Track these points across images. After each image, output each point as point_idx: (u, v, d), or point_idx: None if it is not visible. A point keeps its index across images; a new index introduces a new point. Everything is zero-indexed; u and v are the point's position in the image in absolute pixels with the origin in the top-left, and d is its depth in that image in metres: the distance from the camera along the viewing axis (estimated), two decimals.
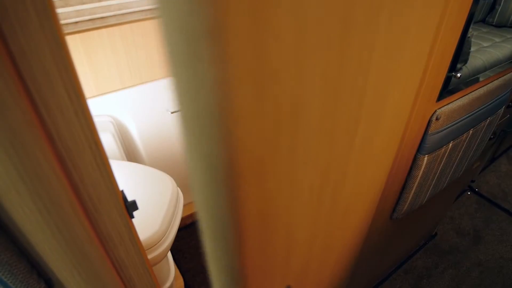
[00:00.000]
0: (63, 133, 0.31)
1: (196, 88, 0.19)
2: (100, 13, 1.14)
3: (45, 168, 0.31)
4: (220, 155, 0.21)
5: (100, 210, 0.41)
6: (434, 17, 0.38)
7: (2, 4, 0.24)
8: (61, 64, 0.27)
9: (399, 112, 0.44)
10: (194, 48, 0.18)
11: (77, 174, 0.34)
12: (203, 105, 0.20)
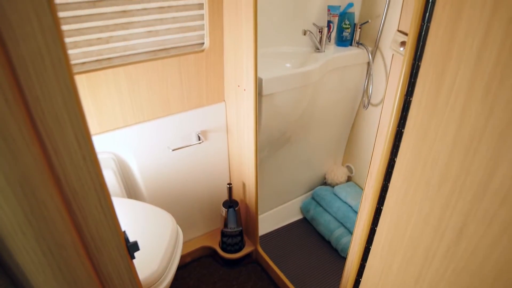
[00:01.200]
0: (71, 177, 0.32)
1: None
2: (106, 54, 1.18)
3: (51, 210, 0.32)
4: None
5: (102, 251, 0.41)
6: None
7: (22, 57, 0.26)
8: (72, 112, 0.29)
9: None
10: None
11: (82, 216, 0.35)
12: None
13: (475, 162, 0.54)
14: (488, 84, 0.48)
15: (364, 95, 1.93)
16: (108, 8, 1.10)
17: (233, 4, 1.20)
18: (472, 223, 0.56)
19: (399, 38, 0.78)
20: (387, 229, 0.83)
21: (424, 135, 0.66)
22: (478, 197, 0.54)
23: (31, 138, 0.29)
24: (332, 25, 1.73)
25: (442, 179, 0.62)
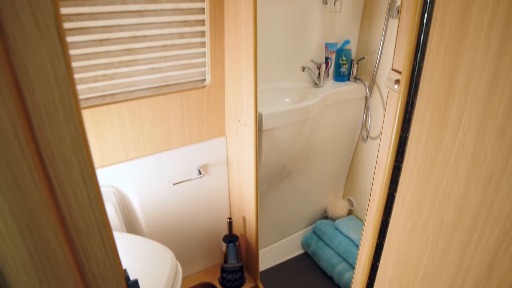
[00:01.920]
0: (75, 216, 0.33)
1: None
2: (110, 90, 1.21)
3: (55, 248, 0.32)
4: None
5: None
6: None
7: (36, 104, 0.27)
8: (79, 153, 0.30)
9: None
10: None
11: (84, 254, 0.35)
12: None
13: (497, 199, 0.53)
14: (503, 124, 0.49)
15: (362, 129, 1.96)
16: (114, 47, 1.15)
17: (234, 42, 1.25)
18: (503, 260, 0.54)
19: (394, 77, 0.81)
20: (393, 265, 0.82)
21: (429, 171, 0.67)
22: (508, 233, 0.53)
23: (39, 178, 0.30)
24: (330, 61, 1.79)
25: (458, 214, 0.61)
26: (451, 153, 0.60)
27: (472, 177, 0.57)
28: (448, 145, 0.60)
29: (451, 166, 0.61)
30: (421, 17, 0.66)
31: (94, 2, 1.07)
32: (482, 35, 0.51)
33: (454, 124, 0.58)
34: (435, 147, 0.65)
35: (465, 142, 0.56)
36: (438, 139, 0.63)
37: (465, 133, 0.56)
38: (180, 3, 1.20)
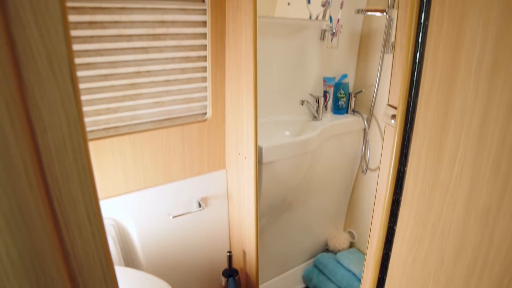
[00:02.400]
0: (79, 252, 0.33)
1: None
2: (113, 123, 1.23)
3: (57, 285, 0.33)
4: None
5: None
6: None
7: (47, 144, 0.29)
8: (86, 192, 0.31)
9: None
10: None
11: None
12: None
13: (496, 234, 0.53)
14: (497, 161, 0.50)
15: (362, 161, 1.97)
16: (118, 81, 1.18)
17: (235, 77, 1.29)
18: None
19: (390, 112, 0.83)
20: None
21: (428, 204, 0.68)
22: (509, 269, 0.53)
23: (46, 215, 0.31)
24: (328, 95, 1.83)
25: (458, 250, 0.61)
26: (449, 188, 0.61)
27: (470, 211, 0.57)
28: (445, 180, 0.61)
29: (449, 200, 0.62)
30: (414, 55, 0.69)
31: (101, 39, 1.12)
32: (472, 74, 0.54)
33: (450, 159, 0.60)
34: (432, 181, 0.66)
35: (461, 176, 0.57)
36: (435, 173, 0.64)
37: (461, 168, 0.57)
38: (183, 40, 1.25)
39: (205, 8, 1.25)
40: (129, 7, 1.13)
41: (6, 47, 0.26)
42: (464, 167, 0.56)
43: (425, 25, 0.66)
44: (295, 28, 1.68)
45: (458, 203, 0.59)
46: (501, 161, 0.49)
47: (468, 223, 0.57)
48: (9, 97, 0.27)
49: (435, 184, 0.65)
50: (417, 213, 0.72)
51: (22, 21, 0.26)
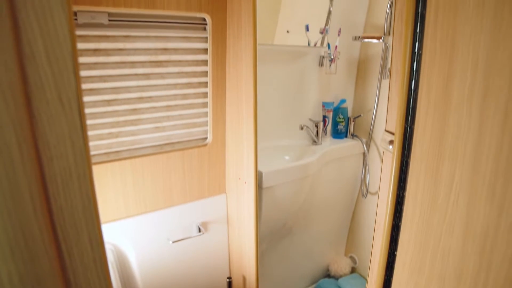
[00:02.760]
0: (80, 279, 0.33)
1: None
2: (115, 148, 1.25)
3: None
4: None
5: None
6: None
7: (53, 173, 0.30)
8: (89, 219, 0.32)
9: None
10: None
11: None
12: None
13: (494, 260, 0.53)
14: (492, 185, 0.51)
15: (362, 184, 1.97)
16: (121, 106, 1.20)
17: (235, 102, 1.32)
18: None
19: (387, 137, 0.85)
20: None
21: (427, 229, 0.68)
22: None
23: (50, 243, 0.32)
24: (327, 120, 1.85)
25: (458, 275, 0.61)
26: (446, 213, 0.61)
27: (468, 236, 0.58)
28: (443, 205, 0.62)
29: (447, 225, 0.62)
30: (409, 83, 0.71)
31: (105, 66, 1.15)
32: (465, 101, 0.55)
33: (446, 185, 0.60)
34: (430, 207, 0.66)
35: (458, 202, 0.58)
36: (433, 198, 0.65)
37: (457, 193, 0.58)
38: (185, 67, 1.28)
39: (206, 36, 1.29)
40: (133, 35, 1.16)
41: (19, 81, 0.28)
42: (461, 193, 0.57)
43: (419, 54, 0.69)
44: (294, 54, 1.72)
45: (456, 228, 0.59)
46: (495, 187, 0.50)
47: (467, 248, 0.58)
48: (19, 127, 0.29)
49: (433, 209, 0.65)
50: (417, 238, 0.72)
51: (35, 58, 0.28)
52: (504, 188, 0.48)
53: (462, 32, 0.55)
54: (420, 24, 0.67)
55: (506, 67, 0.46)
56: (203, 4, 1.24)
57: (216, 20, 1.28)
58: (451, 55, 0.58)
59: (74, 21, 0.33)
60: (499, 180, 0.48)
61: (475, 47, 0.52)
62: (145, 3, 1.13)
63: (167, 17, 1.22)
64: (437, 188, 0.63)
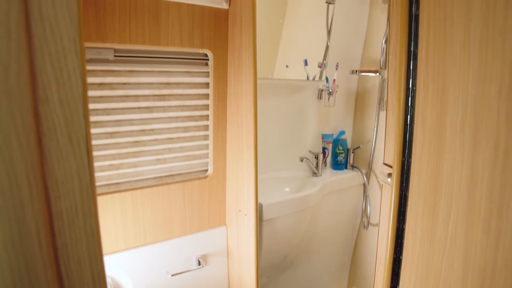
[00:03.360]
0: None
1: None
2: (116, 179, 1.26)
3: None
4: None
5: None
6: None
7: (60, 210, 0.31)
8: (93, 255, 0.33)
9: None
10: None
11: None
12: None
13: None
14: (487, 218, 0.52)
15: (363, 216, 1.96)
16: (123, 139, 1.22)
17: (235, 135, 1.34)
18: None
19: (386, 170, 0.86)
20: None
21: (427, 263, 0.68)
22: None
23: (52, 278, 0.32)
24: (327, 151, 1.87)
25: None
26: (445, 246, 0.61)
27: (468, 270, 0.58)
28: (442, 238, 0.62)
29: (446, 258, 0.62)
30: (405, 118, 0.73)
31: (109, 99, 1.18)
32: (457, 136, 0.57)
33: (444, 218, 0.61)
34: (430, 240, 0.66)
35: (456, 235, 0.58)
36: (431, 231, 0.65)
37: (455, 226, 0.58)
38: (187, 100, 1.32)
39: (208, 71, 1.33)
40: (138, 70, 1.20)
41: (33, 122, 0.30)
42: (458, 226, 0.58)
43: (413, 89, 0.71)
44: (294, 88, 1.76)
45: (455, 262, 0.59)
46: (490, 220, 0.50)
47: (467, 282, 0.57)
48: (30, 166, 0.30)
49: (432, 242, 0.65)
50: (418, 272, 0.71)
51: (48, 101, 0.30)
52: (498, 221, 0.49)
53: (451, 69, 0.57)
54: (413, 61, 0.70)
55: (493, 102, 0.48)
56: (205, 41, 1.29)
57: (218, 56, 1.32)
58: (443, 91, 0.60)
59: None
60: (494, 213, 0.49)
61: (464, 83, 0.54)
62: (150, 39, 1.18)
63: (171, 53, 1.26)
64: (435, 221, 0.64)
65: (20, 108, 0.29)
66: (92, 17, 1.05)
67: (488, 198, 0.51)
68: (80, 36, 0.30)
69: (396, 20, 0.71)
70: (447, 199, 0.59)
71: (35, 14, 0.28)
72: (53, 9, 0.28)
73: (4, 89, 0.27)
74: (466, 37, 0.51)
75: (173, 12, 1.21)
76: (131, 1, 1.12)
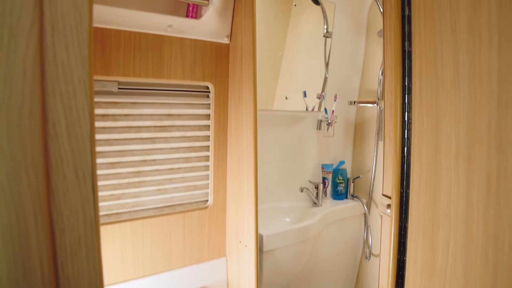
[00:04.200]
0: None
1: None
2: (116, 210, 1.25)
3: None
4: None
5: None
6: None
7: (64, 245, 0.32)
8: (94, 285, 0.33)
9: None
10: None
11: None
12: None
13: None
14: (485, 251, 0.52)
15: (364, 246, 1.93)
16: (124, 169, 1.24)
17: (236, 166, 1.35)
18: None
19: (385, 202, 0.87)
20: None
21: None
22: None
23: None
24: (327, 181, 1.87)
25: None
26: (445, 278, 0.61)
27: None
28: (442, 270, 0.62)
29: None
30: (402, 150, 0.75)
31: (112, 130, 1.20)
32: (452, 168, 0.58)
33: (443, 249, 0.61)
34: (430, 272, 0.66)
35: (455, 267, 0.58)
36: (431, 263, 0.65)
37: (454, 258, 0.58)
38: (188, 132, 1.34)
39: (209, 103, 1.36)
40: (140, 101, 1.23)
41: (42, 157, 0.31)
42: (457, 257, 0.58)
43: (408, 122, 0.73)
44: (293, 119, 1.79)
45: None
46: (488, 251, 0.51)
47: None
48: (37, 200, 0.31)
49: (433, 274, 0.65)
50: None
51: (57, 138, 0.31)
52: (495, 253, 0.49)
53: (444, 104, 0.60)
54: (408, 95, 0.73)
55: (484, 136, 0.50)
56: (207, 74, 1.33)
57: (219, 88, 1.36)
58: (437, 124, 0.62)
59: None
60: (490, 245, 0.50)
61: (457, 117, 0.56)
62: (153, 72, 1.22)
63: (173, 85, 1.30)
64: (435, 253, 0.64)
65: (31, 145, 0.30)
66: (99, 53, 1.09)
67: (484, 230, 0.51)
68: (90, 77, 0.32)
69: (390, 56, 0.74)
70: (445, 230, 0.60)
71: (49, 58, 0.30)
72: (66, 53, 0.31)
73: (17, 128, 0.29)
74: (455, 74, 0.54)
75: (176, 46, 1.25)
76: (135, 39, 1.17)
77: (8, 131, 0.29)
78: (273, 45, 1.67)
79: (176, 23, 1.22)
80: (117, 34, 1.13)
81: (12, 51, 0.28)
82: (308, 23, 1.75)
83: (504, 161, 0.47)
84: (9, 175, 0.29)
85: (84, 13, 0.31)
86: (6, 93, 0.28)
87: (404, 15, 0.72)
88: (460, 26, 0.53)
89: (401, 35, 0.73)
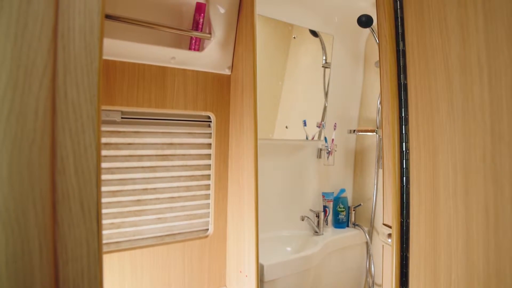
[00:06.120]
0: None
1: None
2: (115, 238, 1.25)
3: None
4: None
5: None
6: None
7: (67, 276, 0.32)
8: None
9: None
10: None
11: None
12: None
13: None
14: (486, 283, 0.52)
15: (367, 276, 1.90)
16: (125, 197, 1.24)
17: (237, 194, 1.35)
18: None
19: (386, 231, 0.86)
20: None
21: None
22: None
23: None
24: (328, 210, 1.86)
25: None
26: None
27: None
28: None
29: None
30: (401, 180, 0.76)
31: (114, 159, 1.21)
32: (450, 199, 0.59)
33: (445, 282, 0.61)
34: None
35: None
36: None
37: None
38: (189, 160, 1.35)
39: (210, 132, 1.38)
40: (142, 131, 1.25)
41: (49, 192, 0.32)
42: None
43: (406, 152, 0.75)
44: (293, 147, 1.81)
45: None
46: (490, 284, 0.51)
47: None
48: (43, 233, 0.32)
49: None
50: None
51: (65, 172, 0.33)
52: (497, 285, 0.49)
53: (440, 135, 0.61)
54: (405, 126, 0.74)
55: (480, 167, 0.51)
56: (209, 104, 1.36)
57: (220, 118, 1.38)
58: (434, 156, 0.63)
59: None
60: (492, 277, 0.50)
61: (453, 149, 0.57)
62: (156, 103, 1.25)
63: (175, 115, 1.32)
64: (437, 285, 0.63)
65: (39, 179, 0.31)
66: (103, 83, 1.12)
67: (485, 262, 0.51)
68: (98, 114, 0.33)
69: (386, 88, 0.76)
70: (446, 261, 0.60)
71: (60, 96, 0.32)
72: (76, 92, 0.32)
73: (27, 163, 0.30)
74: (450, 107, 0.55)
75: (179, 78, 1.29)
76: (140, 70, 1.20)
77: (18, 166, 0.30)
78: (273, 75, 1.71)
79: (179, 55, 1.26)
80: (121, 66, 1.17)
81: (26, 91, 0.29)
82: (307, 55, 1.80)
83: (501, 193, 0.48)
84: (17, 207, 0.30)
85: (95, 54, 0.33)
86: (19, 130, 0.29)
87: (399, 50, 0.75)
88: (453, 63, 0.56)
89: (396, 68, 0.75)
